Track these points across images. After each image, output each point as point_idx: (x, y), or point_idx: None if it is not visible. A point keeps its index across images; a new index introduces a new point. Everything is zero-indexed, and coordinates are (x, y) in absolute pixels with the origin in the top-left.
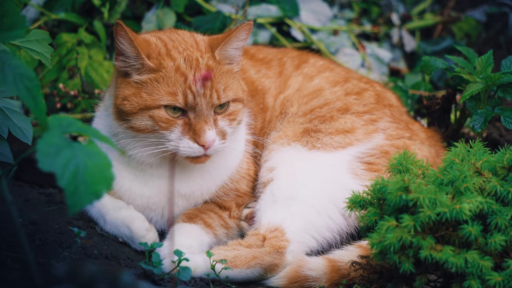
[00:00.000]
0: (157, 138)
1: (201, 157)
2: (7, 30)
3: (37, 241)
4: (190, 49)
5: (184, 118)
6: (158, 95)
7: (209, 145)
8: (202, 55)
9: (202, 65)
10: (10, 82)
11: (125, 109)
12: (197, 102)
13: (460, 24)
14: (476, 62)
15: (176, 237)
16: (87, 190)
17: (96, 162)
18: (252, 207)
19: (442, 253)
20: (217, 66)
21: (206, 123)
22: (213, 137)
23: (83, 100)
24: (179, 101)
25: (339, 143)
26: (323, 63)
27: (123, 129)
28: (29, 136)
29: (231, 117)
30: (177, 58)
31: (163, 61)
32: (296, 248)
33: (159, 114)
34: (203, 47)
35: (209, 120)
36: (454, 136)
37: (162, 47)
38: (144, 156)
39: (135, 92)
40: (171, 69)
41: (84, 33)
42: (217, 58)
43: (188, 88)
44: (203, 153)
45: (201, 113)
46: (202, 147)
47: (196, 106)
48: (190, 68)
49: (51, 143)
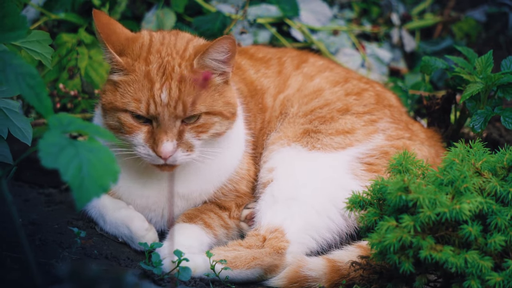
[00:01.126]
0: (125, 141)
1: (165, 166)
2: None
3: (37, 241)
4: (173, 55)
5: (148, 125)
6: (126, 99)
7: (165, 156)
8: (181, 63)
9: (176, 73)
10: (12, 81)
11: (102, 102)
12: (159, 112)
13: (460, 24)
14: (476, 62)
15: (176, 237)
16: (93, 183)
17: (99, 157)
18: (251, 207)
19: (442, 253)
20: (192, 76)
21: (166, 134)
22: (170, 148)
23: (83, 100)
24: (141, 109)
25: (339, 143)
26: (323, 63)
27: (105, 127)
28: (29, 137)
29: (199, 130)
30: (152, 63)
31: (137, 63)
32: (296, 249)
33: (125, 118)
34: (188, 54)
35: (171, 131)
36: (454, 136)
37: (145, 49)
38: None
39: (112, 89)
40: (141, 74)
41: (84, 33)
42: (194, 67)
43: (151, 97)
44: (163, 163)
45: (162, 123)
46: (160, 157)
47: (158, 116)
48: (162, 76)
49: (52, 142)
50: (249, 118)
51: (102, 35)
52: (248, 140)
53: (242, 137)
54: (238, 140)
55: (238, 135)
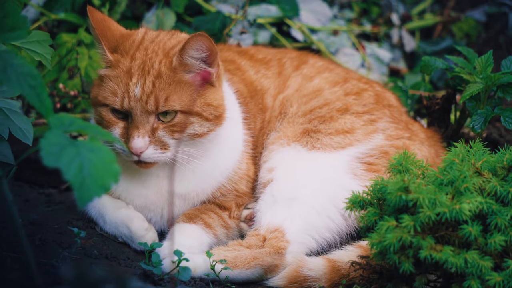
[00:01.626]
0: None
1: (141, 163)
2: (9, 31)
3: (37, 241)
4: (158, 52)
5: (125, 121)
6: (106, 93)
7: (135, 152)
8: (161, 60)
9: (154, 70)
10: (13, 81)
11: (91, 96)
12: (132, 107)
13: (460, 24)
14: (476, 62)
15: (176, 237)
16: (95, 182)
17: (100, 157)
18: (251, 208)
19: (442, 253)
20: (169, 73)
21: (138, 130)
22: (140, 144)
23: (83, 100)
24: (116, 103)
25: (339, 143)
26: (322, 64)
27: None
28: (30, 137)
29: (174, 129)
30: (136, 59)
31: (122, 59)
32: (296, 249)
33: (104, 113)
34: (173, 52)
35: (143, 127)
36: (454, 136)
37: (135, 45)
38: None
39: (97, 84)
40: (123, 69)
41: (84, 33)
42: (173, 65)
43: (126, 91)
44: (136, 159)
45: (135, 119)
46: (132, 153)
47: (131, 111)
48: (140, 72)
49: (54, 142)
50: (249, 118)
51: (97, 31)
52: (247, 140)
53: (240, 137)
54: (236, 140)
55: (236, 136)
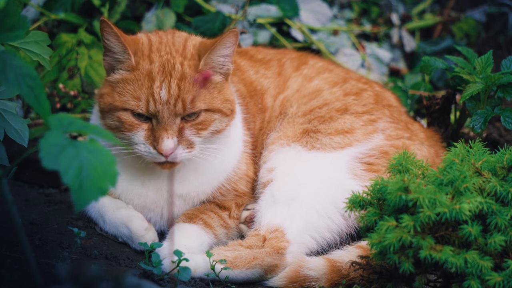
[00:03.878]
0: (125, 139)
1: (166, 164)
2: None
3: (37, 241)
4: (173, 54)
5: (149, 123)
6: (125, 97)
7: (166, 154)
8: (183, 61)
9: (177, 72)
10: (12, 82)
11: (101, 105)
12: (158, 110)
13: (459, 24)
14: (476, 62)
15: (176, 237)
16: (93, 186)
17: (99, 159)
18: (251, 208)
19: (442, 253)
20: (193, 75)
21: (166, 131)
22: (170, 146)
23: (83, 100)
24: (141, 107)
25: (339, 143)
26: (322, 64)
27: (105, 127)
28: (25, 138)
29: (200, 127)
30: (154, 61)
31: (142, 61)
32: (296, 249)
33: (125, 117)
34: (190, 53)
35: (171, 129)
36: (454, 136)
37: (146, 48)
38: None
39: (109, 91)
40: (143, 72)
41: (84, 33)
42: (200, 67)
43: (151, 95)
44: (164, 160)
45: (162, 121)
46: (161, 154)
47: (158, 114)
48: (162, 74)
49: (53, 142)
50: (248, 118)
51: (121, 38)
52: (247, 140)
53: (240, 137)
54: (237, 140)
55: (236, 135)
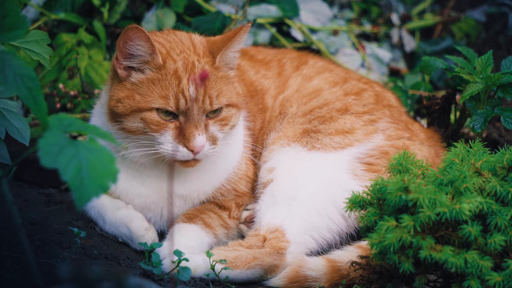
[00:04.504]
0: (148, 140)
1: (190, 161)
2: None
3: (37, 241)
4: (187, 52)
5: (175, 121)
6: (151, 97)
7: (198, 151)
8: (199, 59)
9: (198, 69)
10: (10, 82)
11: (118, 111)
12: (189, 107)
13: (459, 24)
14: (476, 62)
15: (176, 237)
16: (93, 183)
17: (99, 158)
18: (251, 209)
19: (442, 253)
20: (213, 71)
21: (197, 128)
22: (202, 142)
23: (83, 100)
24: (171, 105)
25: (339, 143)
26: (322, 64)
27: (115, 130)
28: (26, 137)
29: (223, 122)
30: (176, 61)
31: (168, 60)
32: (296, 249)
33: (151, 117)
34: (201, 50)
35: (200, 125)
36: (454, 136)
37: (162, 48)
38: (137, 156)
39: (129, 94)
40: (170, 71)
41: (84, 33)
42: (216, 64)
43: (180, 92)
44: (192, 158)
45: (192, 118)
46: (191, 152)
47: (188, 111)
48: (186, 72)
49: (53, 142)
50: (248, 118)
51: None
52: (247, 140)
53: (241, 137)
54: (237, 140)
55: (237, 135)
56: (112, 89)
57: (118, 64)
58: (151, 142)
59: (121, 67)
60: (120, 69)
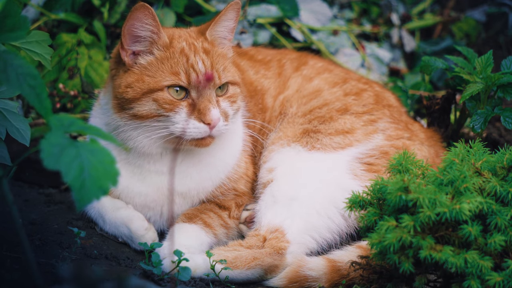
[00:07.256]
0: (161, 123)
1: (206, 139)
2: (9, 31)
3: (37, 241)
4: (186, 36)
5: (187, 99)
6: (161, 77)
7: (214, 124)
8: (197, 40)
9: (199, 48)
10: (13, 81)
11: (128, 96)
12: (200, 80)
13: (459, 24)
14: (476, 62)
15: (176, 237)
16: (94, 185)
17: (100, 159)
18: (251, 209)
19: (442, 253)
20: (212, 48)
21: (210, 102)
22: (217, 115)
23: (83, 100)
24: (182, 80)
25: (339, 143)
26: (322, 65)
27: (125, 120)
28: (27, 137)
29: (231, 99)
30: (181, 40)
31: (174, 40)
32: (296, 249)
33: (163, 96)
34: (195, 34)
35: (212, 100)
36: (454, 136)
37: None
38: (146, 146)
39: (138, 78)
40: (177, 50)
41: (84, 33)
42: (209, 39)
43: (190, 66)
44: (209, 133)
45: (204, 92)
46: (208, 125)
47: (199, 85)
48: (191, 50)
49: (54, 143)
50: (248, 118)
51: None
52: (246, 139)
53: (240, 135)
54: (237, 138)
55: (237, 133)
56: (119, 78)
57: (123, 52)
58: (164, 123)
59: (127, 54)
60: (127, 57)
